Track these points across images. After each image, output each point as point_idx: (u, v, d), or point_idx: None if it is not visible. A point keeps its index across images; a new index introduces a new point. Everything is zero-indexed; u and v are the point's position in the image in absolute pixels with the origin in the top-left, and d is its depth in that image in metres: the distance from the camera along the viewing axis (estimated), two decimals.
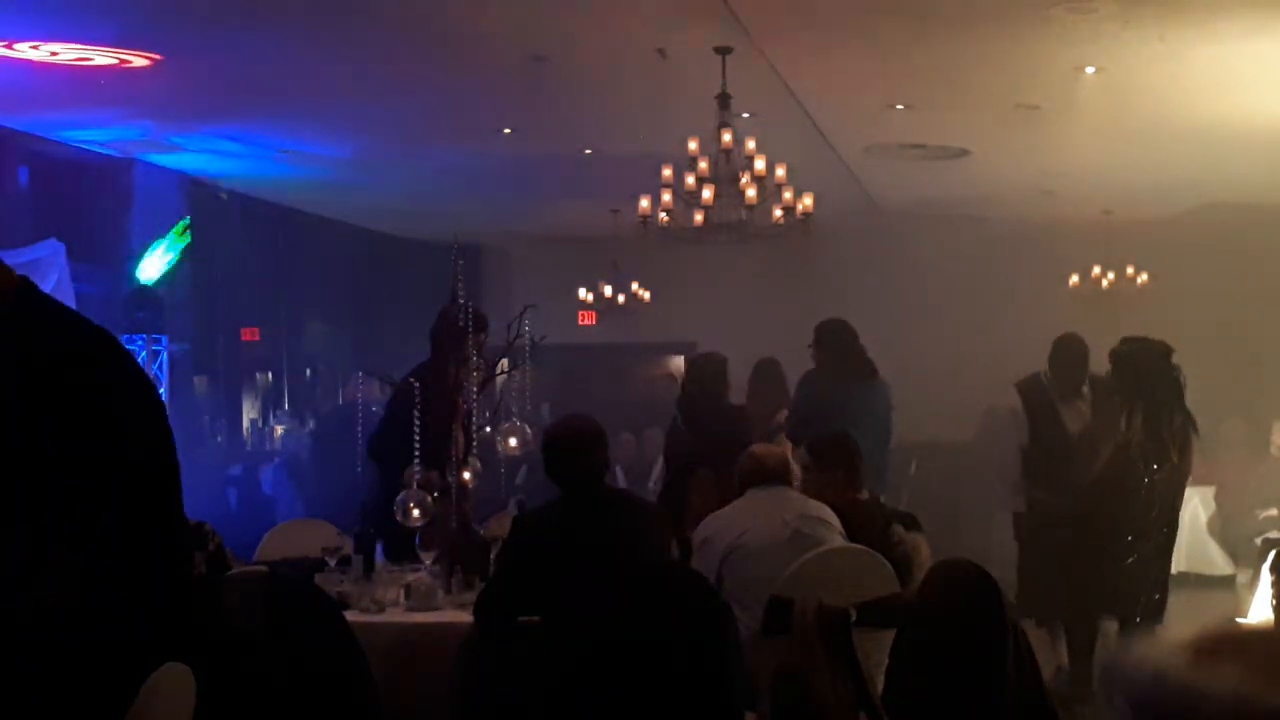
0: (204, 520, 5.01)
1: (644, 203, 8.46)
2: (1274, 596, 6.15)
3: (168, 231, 10.55)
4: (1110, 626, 7.16)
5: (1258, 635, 1.87)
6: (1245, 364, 11.77)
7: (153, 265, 10.41)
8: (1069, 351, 7.31)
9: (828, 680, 4.33)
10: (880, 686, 4.36)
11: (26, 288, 2.16)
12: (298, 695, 3.99)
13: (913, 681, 4.05)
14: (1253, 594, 7.82)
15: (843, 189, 11.16)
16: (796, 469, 5.93)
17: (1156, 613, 6.95)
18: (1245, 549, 9.72)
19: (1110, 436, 6.91)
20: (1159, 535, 7.02)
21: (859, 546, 5.15)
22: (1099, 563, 6.89)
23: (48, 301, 2.17)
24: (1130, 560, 6.92)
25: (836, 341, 7.71)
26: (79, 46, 7.47)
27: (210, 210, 11.16)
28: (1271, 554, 6.43)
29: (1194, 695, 1.52)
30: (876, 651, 4.51)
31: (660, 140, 8.31)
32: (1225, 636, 1.65)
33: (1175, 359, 7.12)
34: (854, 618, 4.63)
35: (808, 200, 8.36)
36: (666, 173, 8.26)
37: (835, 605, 4.59)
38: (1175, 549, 7.88)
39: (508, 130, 9.64)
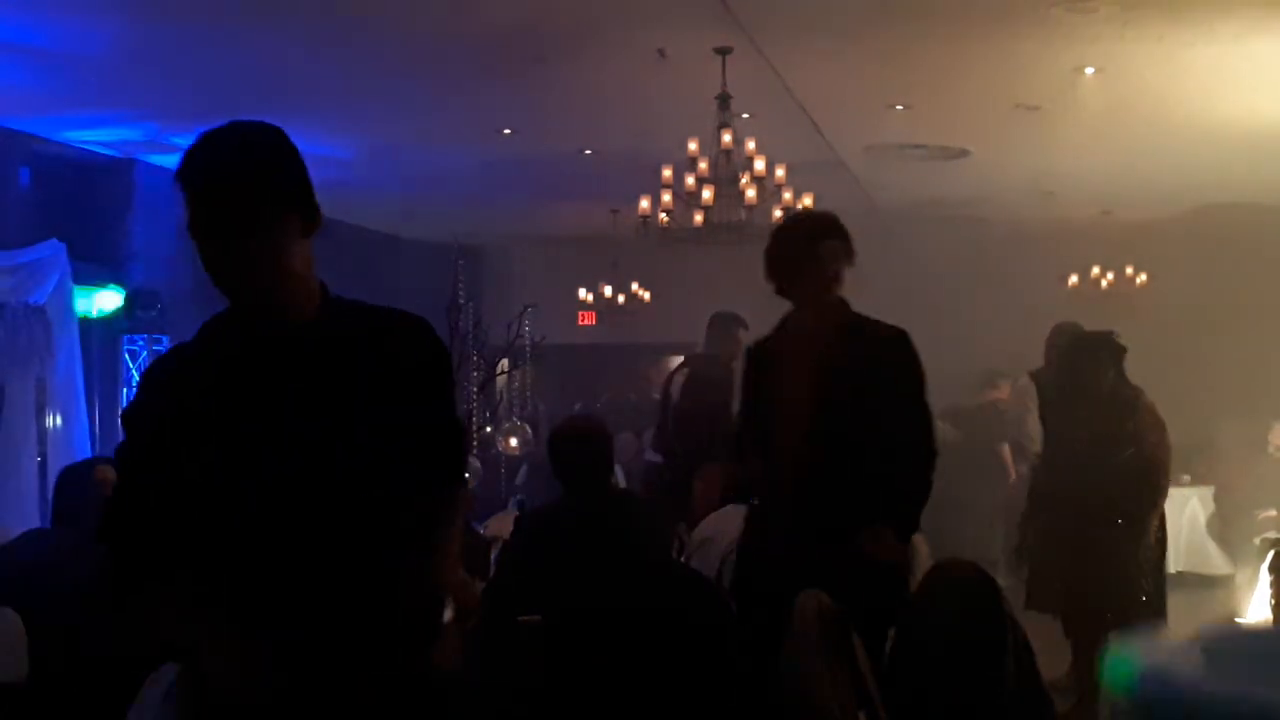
0: None
1: (644, 203, 8.46)
2: (1273, 596, 6.15)
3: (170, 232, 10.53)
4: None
5: (1257, 634, 1.88)
6: (1244, 364, 11.77)
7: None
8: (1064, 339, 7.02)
9: (828, 680, 4.33)
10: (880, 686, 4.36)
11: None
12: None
13: (913, 681, 4.05)
14: (1251, 594, 7.82)
15: (843, 189, 11.16)
16: None
17: (1152, 614, 6.67)
18: (1244, 549, 9.72)
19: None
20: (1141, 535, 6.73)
21: None
22: (1090, 559, 6.63)
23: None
24: (1117, 558, 6.69)
25: None
26: None
27: None
28: (1270, 554, 6.42)
29: (1194, 693, 1.53)
30: None
31: (660, 140, 8.31)
32: (1225, 636, 1.66)
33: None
34: None
35: (807, 200, 8.36)
36: (666, 173, 8.26)
37: (835, 605, 4.59)
38: (1174, 549, 7.79)
39: (508, 130, 9.65)
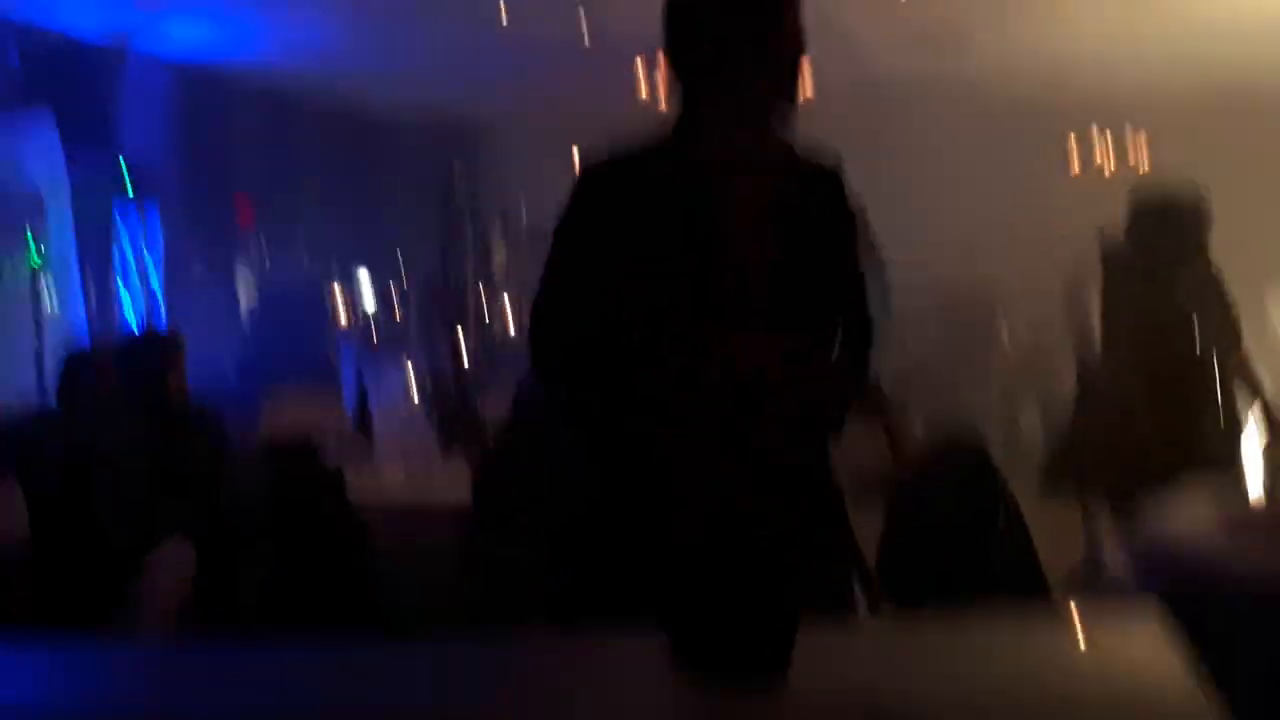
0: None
1: None
2: None
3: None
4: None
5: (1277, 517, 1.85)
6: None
7: None
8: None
9: None
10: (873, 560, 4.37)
11: None
12: (297, 564, 3.99)
13: (904, 551, 4.07)
14: None
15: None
16: None
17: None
18: None
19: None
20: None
21: None
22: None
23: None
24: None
25: None
26: None
27: (201, 95, 11.06)
28: None
29: (1216, 567, 1.50)
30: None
31: None
32: (1250, 517, 1.64)
33: None
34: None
35: None
36: None
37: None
38: None
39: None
